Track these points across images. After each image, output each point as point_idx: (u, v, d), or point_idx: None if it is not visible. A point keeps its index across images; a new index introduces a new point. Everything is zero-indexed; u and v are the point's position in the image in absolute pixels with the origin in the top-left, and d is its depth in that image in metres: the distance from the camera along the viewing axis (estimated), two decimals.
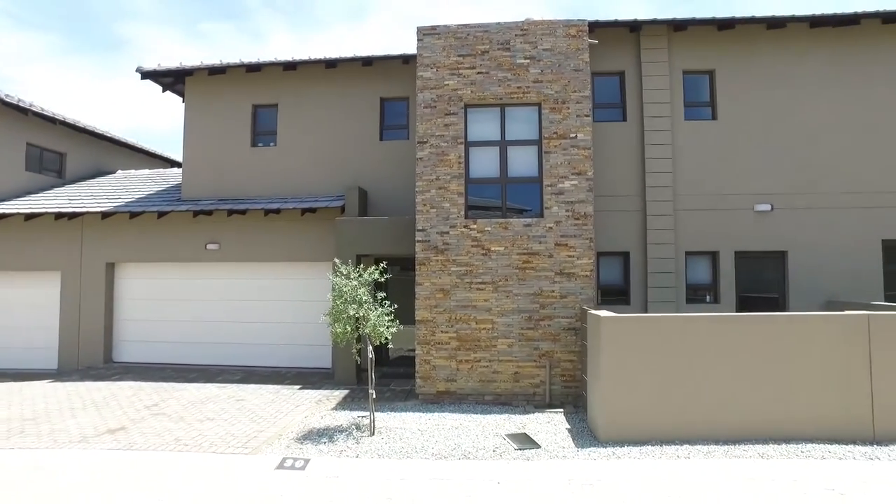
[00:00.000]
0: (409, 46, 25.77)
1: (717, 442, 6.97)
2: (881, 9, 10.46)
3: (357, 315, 7.48)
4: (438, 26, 9.96)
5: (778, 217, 10.76)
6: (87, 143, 15.89)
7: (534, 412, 8.69)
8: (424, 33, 9.97)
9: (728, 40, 11.03)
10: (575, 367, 9.18)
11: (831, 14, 10.46)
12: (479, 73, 9.78)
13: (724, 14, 10.67)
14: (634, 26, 10.87)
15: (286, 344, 12.21)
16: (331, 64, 12.09)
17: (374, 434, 7.56)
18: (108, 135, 16.29)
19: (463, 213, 9.53)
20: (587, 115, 9.54)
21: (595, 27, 10.46)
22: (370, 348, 7.80)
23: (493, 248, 9.40)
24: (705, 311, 10.48)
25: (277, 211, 11.68)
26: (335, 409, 8.95)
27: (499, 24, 9.87)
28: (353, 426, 7.94)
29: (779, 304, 10.82)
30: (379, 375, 10.63)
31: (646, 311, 10.37)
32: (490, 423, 8.07)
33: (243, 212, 11.87)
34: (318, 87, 12.38)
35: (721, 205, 10.77)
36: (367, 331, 7.58)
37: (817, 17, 10.49)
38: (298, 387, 10.47)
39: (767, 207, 10.74)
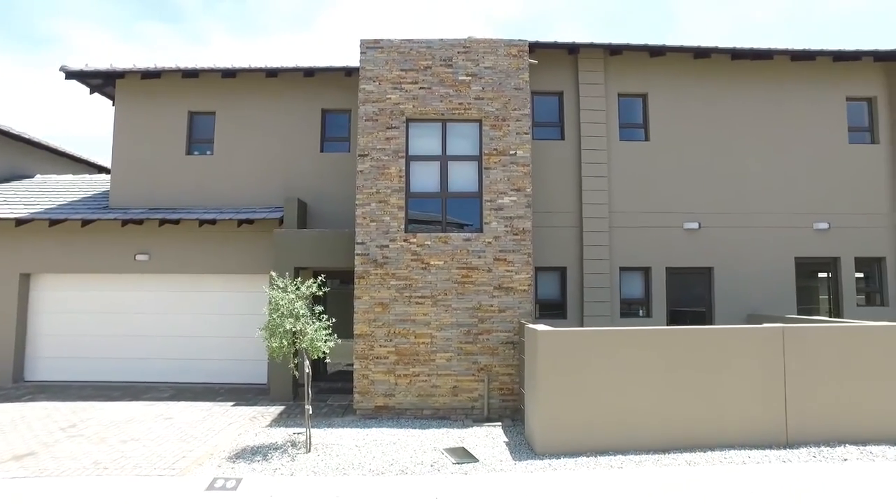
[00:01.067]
0: (353, 58, 25.65)
1: (647, 451, 7.22)
2: (790, 47, 11.33)
3: (294, 329, 7.31)
4: (382, 40, 9.99)
5: (705, 235, 11.35)
6: (1, 144, 14.86)
7: (472, 426, 8.72)
8: (367, 46, 9.96)
9: (660, 66, 11.61)
10: (513, 380, 9.30)
11: (748, 48, 11.21)
12: (421, 88, 9.86)
13: (657, 41, 11.18)
14: (573, 49, 11.26)
15: (220, 359, 11.75)
16: (271, 73, 11.87)
17: (309, 451, 7.38)
18: (26, 136, 15.27)
19: (403, 226, 9.53)
20: (527, 133, 9.78)
21: (535, 48, 10.77)
22: (307, 363, 7.64)
23: (432, 263, 9.43)
24: (638, 324, 10.86)
25: (213, 221, 11.29)
26: (270, 425, 8.68)
27: (441, 40, 10.00)
28: (289, 443, 7.72)
29: (706, 317, 11.37)
30: (316, 391, 10.40)
31: (582, 325, 10.65)
32: (428, 438, 8.04)
33: (176, 221, 11.40)
34: (259, 95, 12.11)
35: (653, 222, 11.25)
36: (304, 345, 7.43)
37: (737, 49, 11.21)
38: (232, 403, 10.09)
39: (695, 226, 11.31)
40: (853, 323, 8.52)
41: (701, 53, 11.42)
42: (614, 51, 11.36)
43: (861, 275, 11.91)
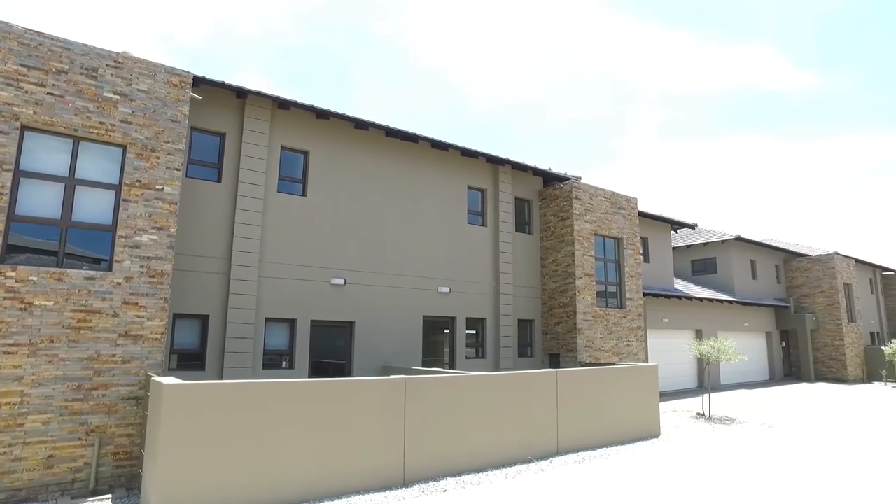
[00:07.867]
0: None
1: None
2: (431, 136, 13.49)
3: None
4: None
5: (349, 291, 12.21)
6: None
7: None
8: None
9: (324, 128, 12.35)
10: (133, 442, 8.13)
11: (400, 129, 12.90)
12: (49, 93, 8.28)
13: (325, 105, 11.92)
14: (241, 93, 11.11)
15: None
16: None
17: None
18: None
19: None
20: (178, 169, 9.06)
21: (201, 83, 10.25)
22: None
23: (37, 303, 7.73)
24: (281, 376, 10.86)
25: None
26: None
27: (87, 46, 8.66)
28: None
29: (346, 369, 12.08)
30: None
31: (221, 377, 10.10)
32: None
33: None
34: None
35: (302, 275, 11.60)
36: None
37: (391, 128, 12.77)
38: None
39: (341, 281, 12.09)
40: (456, 373, 10.17)
41: (361, 125, 12.59)
42: (282, 104, 11.62)
43: (473, 332, 14.46)
